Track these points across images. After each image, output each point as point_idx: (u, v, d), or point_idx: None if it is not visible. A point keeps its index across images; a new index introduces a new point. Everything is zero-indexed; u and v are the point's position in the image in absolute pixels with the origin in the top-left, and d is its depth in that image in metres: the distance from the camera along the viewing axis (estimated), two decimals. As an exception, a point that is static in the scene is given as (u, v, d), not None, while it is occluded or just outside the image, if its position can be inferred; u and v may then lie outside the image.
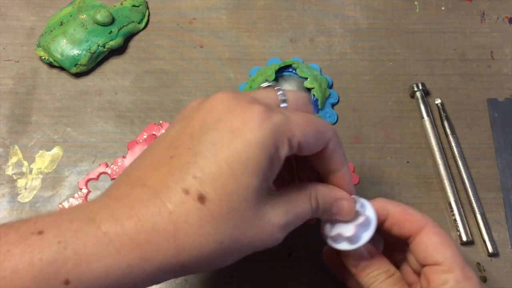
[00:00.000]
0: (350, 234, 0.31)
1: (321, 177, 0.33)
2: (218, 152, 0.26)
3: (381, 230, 0.34)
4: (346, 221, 0.32)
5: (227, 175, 0.26)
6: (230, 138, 0.26)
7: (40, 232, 0.24)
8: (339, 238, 0.32)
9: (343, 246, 0.32)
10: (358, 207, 0.32)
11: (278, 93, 0.31)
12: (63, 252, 0.23)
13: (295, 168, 0.35)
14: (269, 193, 0.28)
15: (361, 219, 0.31)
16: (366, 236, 0.32)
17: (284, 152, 0.28)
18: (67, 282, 0.23)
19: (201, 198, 0.25)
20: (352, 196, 0.33)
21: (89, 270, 0.24)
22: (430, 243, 0.31)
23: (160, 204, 0.25)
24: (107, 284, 0.24)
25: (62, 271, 0.23)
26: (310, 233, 0.43)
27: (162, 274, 0.26)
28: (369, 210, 0.32)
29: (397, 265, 0.35)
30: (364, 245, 0.32)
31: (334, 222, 0.33)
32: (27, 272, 0.23)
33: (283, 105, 0.30)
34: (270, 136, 0.27)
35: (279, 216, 0.28)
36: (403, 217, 0.32)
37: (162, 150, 0.28)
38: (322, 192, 0.31)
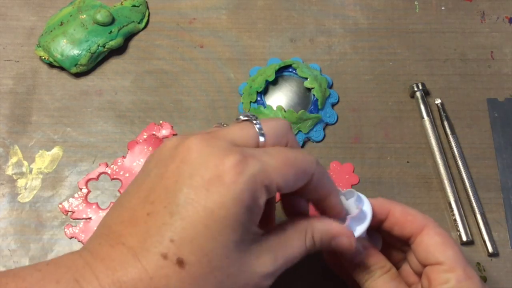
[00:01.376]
0: (343, 225, 0.31)
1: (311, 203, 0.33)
2: (193, 212, 0.26)
3: (381, 230, 0.34)
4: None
5: (204, 236, 0.25)
6: (205, 196, 0.26)
7: None
8: None
9: None
10: (354, 200, 0.32)
11: (256, 126, 0.29)
12: None
13: (282, 201, 0.34)
14: (254, 241, 0.27)
15: (355, 212, 0.31)
16: (360, 229, 0.31)
17: (263, 200, 0.27)
18: None
19: (180, 262, 0.25)
20: (349, 189, 0.33)
21: None
22: (431, 243, 0.31)
23: (140, 270, 0.25)
24: None
25: None
26: (310, 233, 0.43)
27: None
28: (366, 205, 0.32)
29: (398, 265, 0.35)
30: (360, 240, 0.32)
31: None
32: None
33: (261, 139, 0.29)
34: (246, 188, 0.26)
35: (266, 265, 0.27)
36: (404, 217, 0.32)
37: (139, 203, 0.27)
38: (319, 229, 0.30)
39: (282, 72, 0.47)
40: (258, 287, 0.27)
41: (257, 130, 0.29)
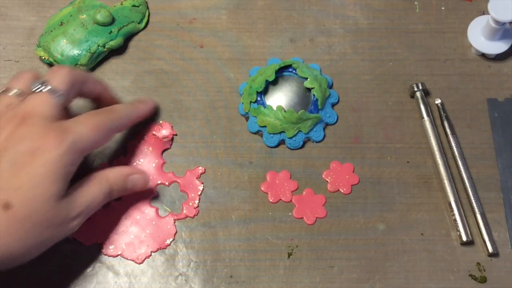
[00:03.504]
0: None
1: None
2: (20, 169, 0.33)
3: None
4: None
5: (28, 185, 0.33)
6: (30, 159, 0.33)
7: None
8: None
9: None
10: None
11: (52, 97, 0.36)
12: None
13: None
14: (66, 192, 0.35)
15: None
16: None
17: (78, 161, 0.36)
18: None
19: (6, 206, 0.32)
20: None
21: None
22: None
23: None
24: None
25: None
26: (310, 233, 0.43)
27: None
28: None
29: None
30: None
31: None
32: None
33: (60, 100, 0.37)
34: (66, 154, 0.34)
35: (75, 210, 0.36)
36: None
37: None
38: (113, 175, 0.39)
39: (282, 72, 0.48)
40: (68, 227, 0.36)
41: (53, 97, 0.36)
